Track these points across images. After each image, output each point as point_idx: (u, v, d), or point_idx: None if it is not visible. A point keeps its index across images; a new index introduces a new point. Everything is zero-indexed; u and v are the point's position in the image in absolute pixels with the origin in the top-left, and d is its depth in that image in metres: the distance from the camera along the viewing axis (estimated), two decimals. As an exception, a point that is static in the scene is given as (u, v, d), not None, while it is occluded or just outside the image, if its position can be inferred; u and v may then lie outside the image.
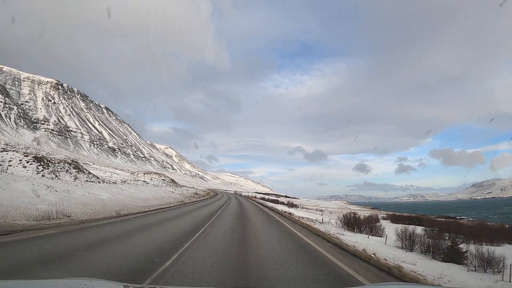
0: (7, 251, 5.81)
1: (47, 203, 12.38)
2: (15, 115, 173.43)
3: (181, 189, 52.15)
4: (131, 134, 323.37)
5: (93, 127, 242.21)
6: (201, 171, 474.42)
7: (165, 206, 20.16)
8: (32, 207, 11.36)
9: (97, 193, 19.54)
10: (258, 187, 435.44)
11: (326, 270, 5.81)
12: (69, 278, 2.89)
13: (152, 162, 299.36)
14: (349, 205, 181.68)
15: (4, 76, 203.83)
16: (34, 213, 10.04)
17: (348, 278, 5.29)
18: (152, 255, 6.00)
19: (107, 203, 16.76)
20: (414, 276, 6.26)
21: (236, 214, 18.15)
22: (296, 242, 9.10)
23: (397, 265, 6.93)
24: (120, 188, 26.63)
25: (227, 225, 12.27)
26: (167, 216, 14.93)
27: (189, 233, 9.16)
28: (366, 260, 6.89)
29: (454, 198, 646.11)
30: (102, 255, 5.86)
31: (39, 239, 6.95)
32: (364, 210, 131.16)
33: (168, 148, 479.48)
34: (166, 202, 23.64)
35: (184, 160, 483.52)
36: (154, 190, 31.71)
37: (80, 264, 5.07)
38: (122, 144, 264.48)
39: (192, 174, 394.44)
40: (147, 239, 8.01)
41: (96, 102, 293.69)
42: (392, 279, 5.55)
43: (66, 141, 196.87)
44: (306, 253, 7.40)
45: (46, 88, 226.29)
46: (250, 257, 6.54)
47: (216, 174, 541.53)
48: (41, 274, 4.39)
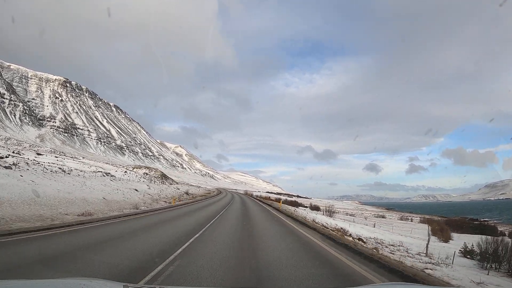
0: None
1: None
2: (20, 112, 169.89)
3: (167, 187, 42.48)
4: (140, 133, 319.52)
5: (101, 125, 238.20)
6: (211, 170, 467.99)
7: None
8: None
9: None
10: (269, 187, 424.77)
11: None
12: (69, 278, 2.81)
13: (161, 161, 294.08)
14: (365, 206, 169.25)
15: (11, 73, 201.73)
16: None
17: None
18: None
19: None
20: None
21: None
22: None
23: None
24: (48, 179, 16.98)
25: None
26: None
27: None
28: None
29: (467, 199, 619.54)
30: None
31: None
32: (383, 211, 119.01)
33: (179, 147, 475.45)
34: (95, 209, 13.79)
35: (195, 159, 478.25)
36: (110, 186, 22.04)
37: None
38: (130, 142, 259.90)
39: (202, 173, 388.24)
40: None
41: (105, 100, 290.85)
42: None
43: (72, 138, 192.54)
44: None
45: (54, 86, 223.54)
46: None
47: (227, 173, 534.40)
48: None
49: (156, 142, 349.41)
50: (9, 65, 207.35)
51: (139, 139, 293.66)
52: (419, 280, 4.96)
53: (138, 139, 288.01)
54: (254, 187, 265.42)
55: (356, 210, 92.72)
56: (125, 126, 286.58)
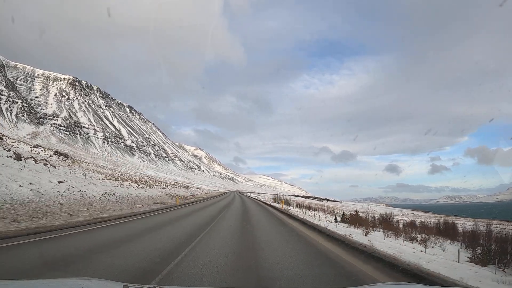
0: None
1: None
2: (18, 109, 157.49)
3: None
4: (156, 134, 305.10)
5: (110, 124, 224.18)
6: (232, 173, 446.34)
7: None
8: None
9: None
10: (293, 190, 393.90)
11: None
12: (68, 278, 2.81)
13: (176, 162, 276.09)
14: (405, 210, 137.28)
15: (16, 72, 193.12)
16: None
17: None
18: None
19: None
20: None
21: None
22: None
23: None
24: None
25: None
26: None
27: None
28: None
29: (495, 200, 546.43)
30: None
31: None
32: (429, 215, 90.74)
33: (198, 149, 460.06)
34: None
35: (215, 162, 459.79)
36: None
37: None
38: (142, 142, 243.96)
39: (221, 176, 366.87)
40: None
41: (118, 101, 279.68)
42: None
43: (74, 137, 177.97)
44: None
45: (61, 85, 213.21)
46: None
47: (248, 176, 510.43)
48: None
49: (172, 144, 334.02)
50: (15, 64, 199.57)
51: (153, 140, 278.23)
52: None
53: (152, 140, 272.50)
54: (277, 190, 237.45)
55: (418, 218, 63.13)
56: (138, 127, 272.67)
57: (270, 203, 42.68)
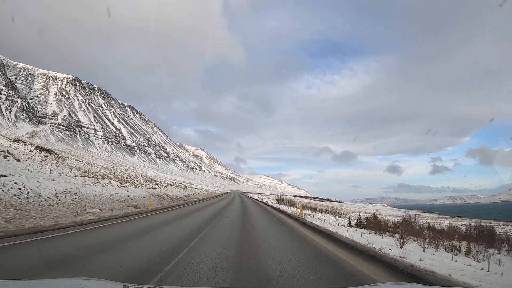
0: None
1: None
2: (17, 108, 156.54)
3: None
4: (156, 134, 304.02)
5: (110, 124, 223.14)
6: (233, 173, 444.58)
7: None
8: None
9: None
10: (294, 190, 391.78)
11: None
12: (68, 278, 2.79)
13: (177, 162, 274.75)
14: (408, 211, 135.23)
15: (16, 71, 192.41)
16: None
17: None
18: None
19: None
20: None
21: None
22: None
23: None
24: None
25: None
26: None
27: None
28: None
29: (498, 200, 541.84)
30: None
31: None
32: (433, 216, 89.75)
33: (199, 149, 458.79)
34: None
35: (216, 162, 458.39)
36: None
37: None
38: (143, 142, 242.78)
39: (222, 176, 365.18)
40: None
41: (118, 100, 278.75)
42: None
43: (74, 136, 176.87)
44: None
45: (61, 84, 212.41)
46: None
47: (249, 176, 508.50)
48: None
49: (173, 144, 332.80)
50: (15, 63, 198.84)
51: (154, 139, 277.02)
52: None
53: (152, 140, 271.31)
54: (278, 190, 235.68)
55: (434, 220, 61.84)
56: (139, 126, 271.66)
57: (273, 204, 36.87)
